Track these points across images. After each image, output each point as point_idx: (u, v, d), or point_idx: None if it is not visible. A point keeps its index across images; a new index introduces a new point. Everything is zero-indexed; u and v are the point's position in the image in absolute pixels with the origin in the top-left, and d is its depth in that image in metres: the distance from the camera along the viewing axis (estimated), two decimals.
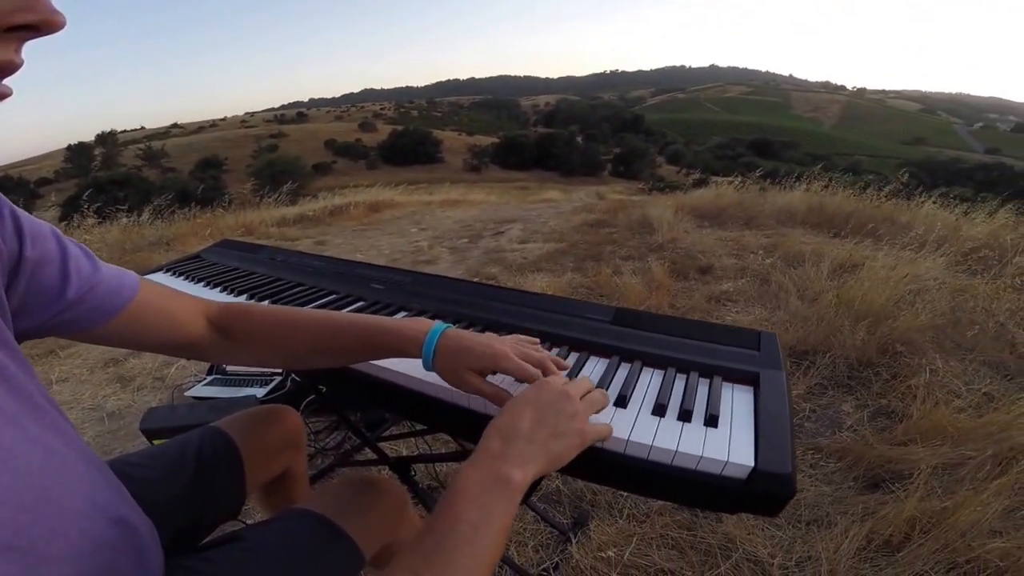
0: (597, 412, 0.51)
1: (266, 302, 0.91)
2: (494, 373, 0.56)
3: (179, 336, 0.58)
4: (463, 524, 0.39)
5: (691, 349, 0.68)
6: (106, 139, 65.79)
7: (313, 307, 0.88)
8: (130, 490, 0.50)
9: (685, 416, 0.54)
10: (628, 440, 0.50)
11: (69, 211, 5.36)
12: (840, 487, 1.35)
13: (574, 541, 1.18)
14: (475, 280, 3.33)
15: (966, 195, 7.75)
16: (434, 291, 0.91)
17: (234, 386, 1.75)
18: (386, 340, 0.57)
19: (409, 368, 0.66)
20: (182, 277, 1.08)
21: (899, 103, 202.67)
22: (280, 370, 1.73)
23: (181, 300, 0.60)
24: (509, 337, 0.60)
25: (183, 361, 2.34)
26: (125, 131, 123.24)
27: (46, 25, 0.32)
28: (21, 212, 0.46)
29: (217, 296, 0.97)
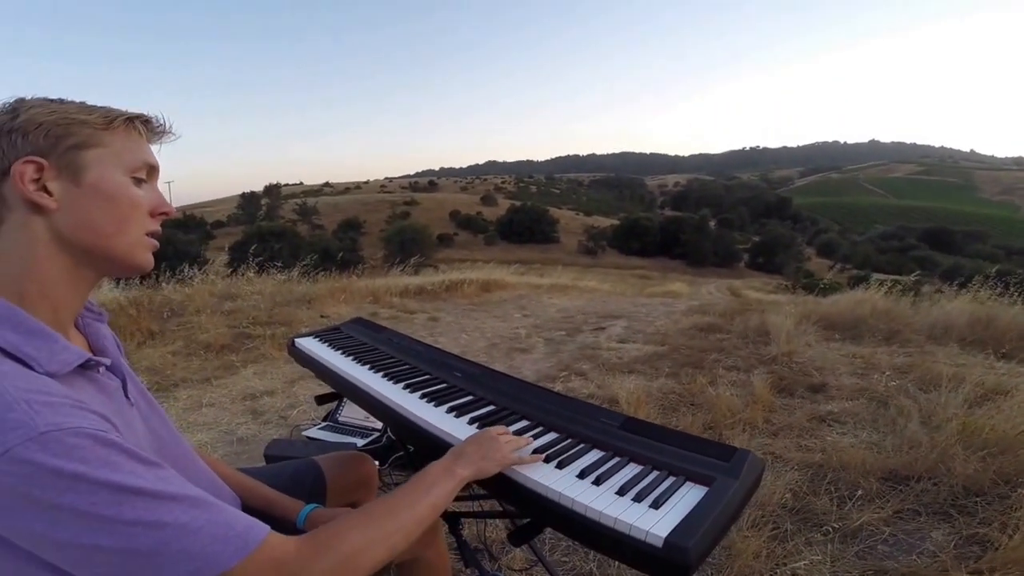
0: (519, 448, 0.92)
1: (380, 374, 1.32)
2: None
3: None
4: (415, 489, 0.78)
5: (674, 455, 0.95)
6: (272, 191, 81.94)
7: (409, 383, 1.26)
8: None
9: (638, 497, 0.82)
10: (588, 506, 0.80)
11: (236, 258, 6.87)
12: None
13: None
14: (538, 383, 3.64)
15: None
16: (495, 385, 1.27)
17: (341, 433, 2.32)
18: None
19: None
20: (327, 344, 1.57)
21: None
22: (380, 425, 2.27)
23: None
24: None
25: (306, 405, 3.14)
26: (287, 184, 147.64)
27: (171, 212, 0.77)
28: None
29: (346, 362, 1.42)
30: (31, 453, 0.52)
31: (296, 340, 1.61)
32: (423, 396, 1.19)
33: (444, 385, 1.27)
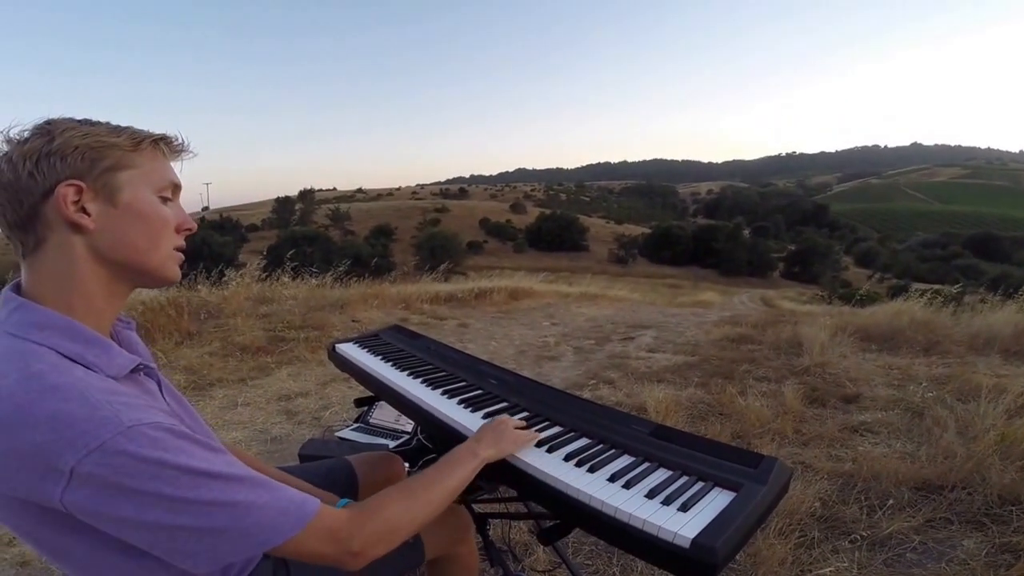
0: (527, 441, 1.03)
1: (419, 379, 1.39)
2: None
3: None
4: (445, 468, 0.90)
5: (703, 461, 0.99)
6: (306, 196, 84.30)
7: (447, 389, 1.33)
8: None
9: (667, 500, 0.87)
10: (618, 507, 0.85)
11: (272, 262, 7.07)
12: None
13: None
14: (567, 391, 3.68)
15: None
16: (529, 392, 1.33)
17: (372, 435, 2.37)
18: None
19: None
20: (366, 349, 1.64)
21: None
22: (410, 428, 2.32)
23: None
24: None
25: (338, 407, 3.26)
26: (321, 189, 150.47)
27: (194, 228, 0.84)
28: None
29: (386, 367, 1.48)
30: (122, 445, 0.60)
31: (336, 345, 1.68)
32: (460, 402, 1.25)
33: (480, 392, 1.33)
